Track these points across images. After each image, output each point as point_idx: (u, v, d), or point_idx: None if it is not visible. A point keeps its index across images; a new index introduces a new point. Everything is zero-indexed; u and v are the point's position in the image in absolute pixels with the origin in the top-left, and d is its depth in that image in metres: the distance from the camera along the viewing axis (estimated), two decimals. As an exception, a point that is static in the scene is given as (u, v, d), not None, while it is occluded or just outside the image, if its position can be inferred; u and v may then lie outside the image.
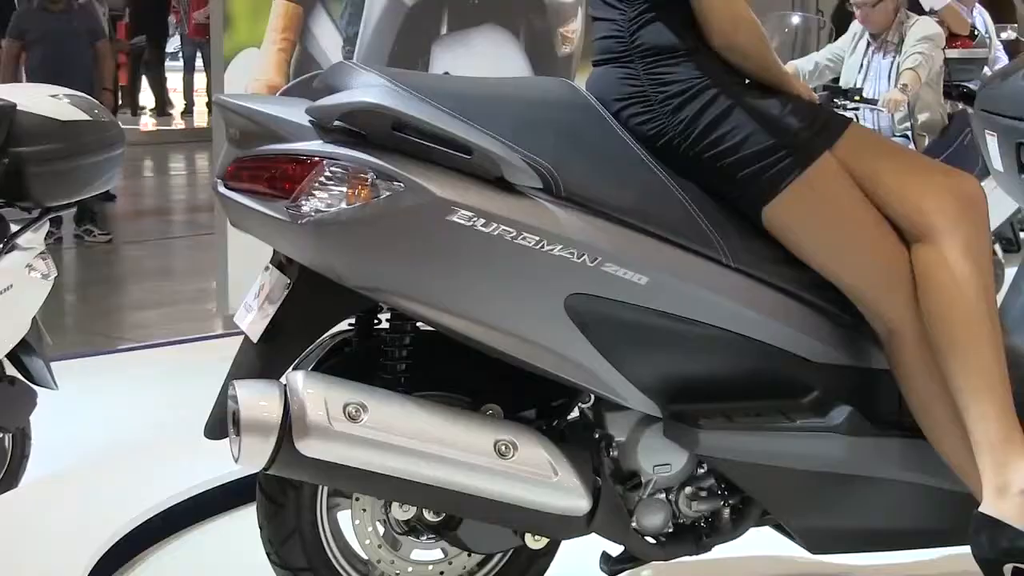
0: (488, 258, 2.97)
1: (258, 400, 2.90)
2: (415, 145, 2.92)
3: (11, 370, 5.69)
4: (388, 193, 2.89)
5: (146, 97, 22.23)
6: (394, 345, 3.12)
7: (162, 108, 21.76)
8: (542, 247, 2.96)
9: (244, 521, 3.38)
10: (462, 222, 2.91)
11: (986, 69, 9.09)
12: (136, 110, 21.46)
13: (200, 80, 19.78)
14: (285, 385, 2.93)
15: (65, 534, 3.63)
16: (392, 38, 9.09)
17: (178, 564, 3.75)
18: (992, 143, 3.64)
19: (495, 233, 2.93)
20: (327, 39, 8.91)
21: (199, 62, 20.57)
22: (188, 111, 21.52)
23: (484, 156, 2.92)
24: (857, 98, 8.15)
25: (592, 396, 3.15)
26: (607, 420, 3.16)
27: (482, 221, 2.92)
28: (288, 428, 2.87)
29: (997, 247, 7.54)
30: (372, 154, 2.91)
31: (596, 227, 3.02)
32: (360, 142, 2.93)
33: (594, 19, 3.28)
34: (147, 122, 21.23)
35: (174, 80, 22.09)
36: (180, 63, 22.17)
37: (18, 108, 5.83)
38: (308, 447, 2.87)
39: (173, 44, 23.12)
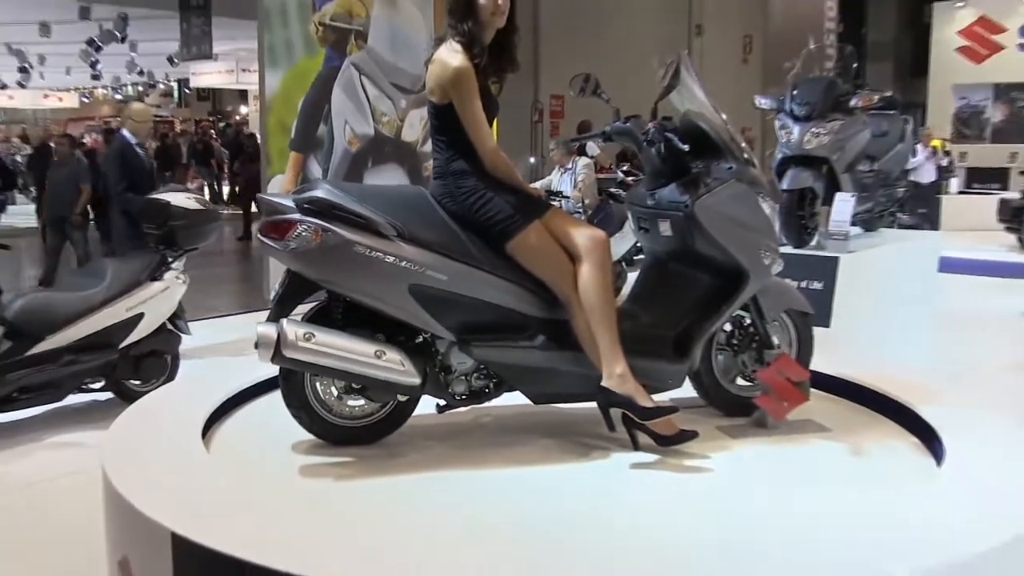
0: (371, 268, 3.06)
1: (266, 331, 3.03)
2: (341, 216, 3.06)
3: (169, 326, 6.00)
4: (326, 236, 3.03)
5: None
6: (335, 306, 3.21)
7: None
8: (396, 262, 3.07)
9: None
10: (360, 251, 3.05)
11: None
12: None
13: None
14: (279, 325, 3.06)
15: (198, 398, 3.62)
16: (345, 169, 9.40)
17: (250, 416, 3.69)
18: (631, 214, 3.64)
19: (374, 256, 3.06)
20: (314, 169, 9.20)
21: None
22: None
23: (370, 220, 3.07)
24: (559, 195, 8.73)
25: (429, 331, 3.23)
26: (436, 343, 3.24)
27: (368, 250, 3.05)
28: (279, 344, 3.00)
29: (623, 264, 7.73)
30: (321, 219, 3.05)
31: (422, 253, 3.11)
32: (317, 214, 3.07)
33: (433, 158, 3.34)
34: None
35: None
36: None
37: (171, 203, 6.12)
38: (288, 352, 3.01)
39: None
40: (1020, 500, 2.62)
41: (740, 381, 3.68)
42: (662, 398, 3.33)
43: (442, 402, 3.34)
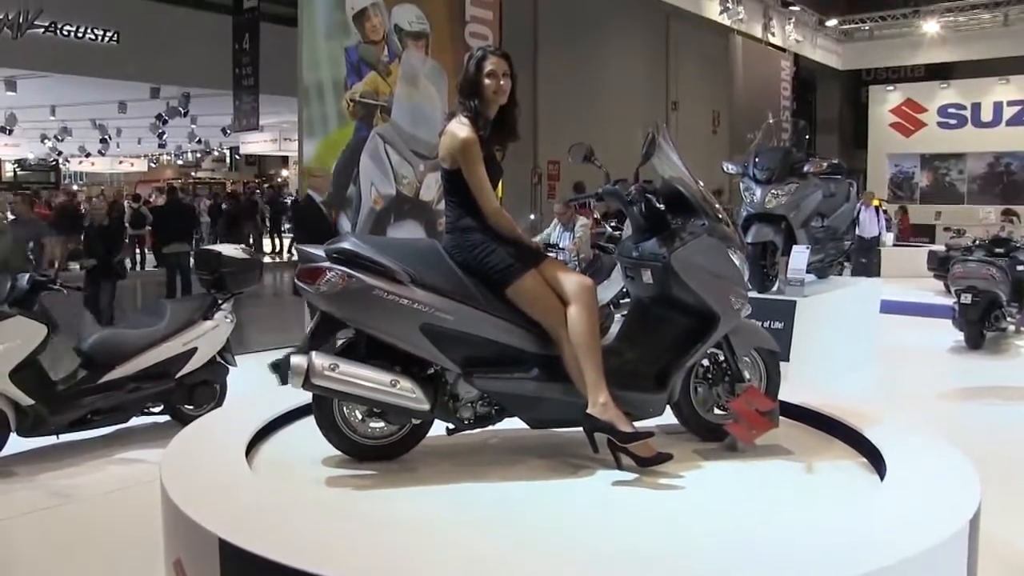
0: (388, 308, 3.03)
1: (298, 362, 3.01)
2: (364, 264, 3.05)
3: (218, 359, 5.95)
4: (350, 282, 3.02)
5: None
6: (360, 342, 3.16)
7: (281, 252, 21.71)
8: (409, 304, 3.04)
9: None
10: (378, 294, 3.02)
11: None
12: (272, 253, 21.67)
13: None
14: (309, 357, 3.03)
15: (242, 421, 3.55)
16: (371, 224, 9.31)
17: (287, 437, 3.61)
18: (620, 264, 3.58)
19: (390, 299, 3.03)
20: (345, 224, 9.12)
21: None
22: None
23: (388, 268, 3.05)
24: (557, 248, 8.51)
25: (438, 364, 3.15)
26: (445, 374, 3.17)
27: (386, 293, 3.02)
28: (308, 372, 2.98)
29: (611, 307, 7.66)
30: (347, 267, 3.04)
31: (432, 297, 3.07)
32: (344, 263, 3.05)
33: (445, 215, 3.28)
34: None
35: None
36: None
37: (221, 253, 6.09)
38: (316, 380, 2.99)
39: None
40: (950, 509, 2.59)
41: (716, 411, 3.60)
42: (647, 424, 3.25)
43: (451, 426, 3.29)
